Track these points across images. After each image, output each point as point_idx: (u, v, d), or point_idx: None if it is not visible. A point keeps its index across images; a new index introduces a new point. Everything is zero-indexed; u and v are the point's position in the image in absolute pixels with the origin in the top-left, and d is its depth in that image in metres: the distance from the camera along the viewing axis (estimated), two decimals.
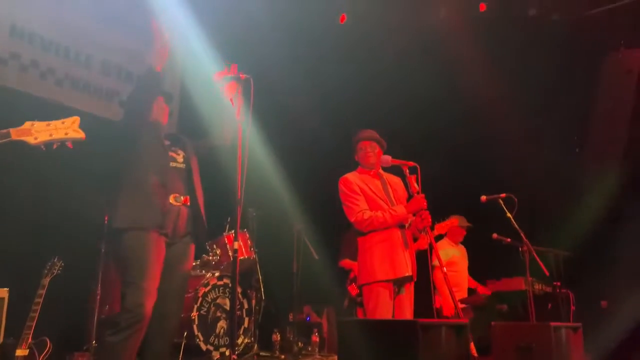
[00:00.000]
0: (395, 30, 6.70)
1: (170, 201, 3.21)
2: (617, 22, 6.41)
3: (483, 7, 6.67)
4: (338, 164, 4.71)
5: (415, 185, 3.82)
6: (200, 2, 5.68)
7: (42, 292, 4.23)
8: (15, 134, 2.29)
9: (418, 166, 3.84)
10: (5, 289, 4.11)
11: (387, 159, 3.91)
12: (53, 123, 2.35)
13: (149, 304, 2.98)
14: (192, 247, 3.37)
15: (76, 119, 2.40)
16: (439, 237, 5.90)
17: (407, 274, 3.81)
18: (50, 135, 2.33)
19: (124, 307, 2.97)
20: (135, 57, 6.03)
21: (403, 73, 6.71)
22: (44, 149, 2.33)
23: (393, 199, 4.02)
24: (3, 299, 4.13)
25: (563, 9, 6.59)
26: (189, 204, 3.30)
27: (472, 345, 3.44)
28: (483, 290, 5.92)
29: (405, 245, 3.88)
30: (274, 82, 6.09)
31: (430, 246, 3.82)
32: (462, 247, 6.13)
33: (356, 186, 3.99)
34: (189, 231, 3.32)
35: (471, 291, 5.97)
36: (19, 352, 3.95)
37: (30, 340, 4.05)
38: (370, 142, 4.13)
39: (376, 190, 4.01)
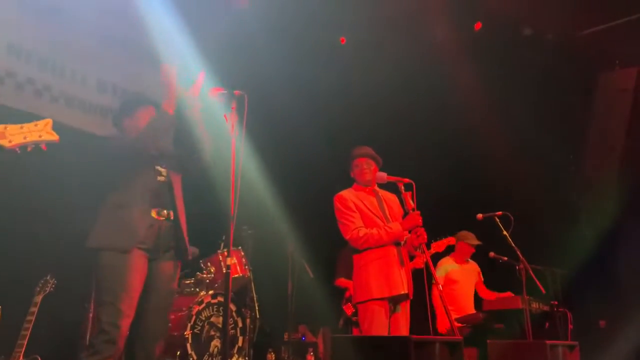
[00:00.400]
0: (391, 49, 6.76)
1: (152, 215, 3.14)
2: (611, 42, 6.46)
3: (478, 26, 6.73)
4: (333, 182, 4.71)
5: (411, 202, 3.82)
6: (194, 16, 5.73)
7: (35, 309, 4.20)
8: None
9: (413, 183, 3.84)
10: None
11: (383, 175, 3.92)
12: (26, 126, 2.35)
13: (125, 324, 2.91)
14: (178, 264, 3.30)
15: (49, 121, 2.39)
16: (445, 254, 5.85)
17: (402, 292, 3.79)
18: (25, 137, 2.32)
19: (100, 328, 2.90)
20: (131, 75, 6.07)
21: (399, 91, 6.75)
22: (18, 151, 2.32)
23: (389, 215, 4.01)
24: None
25: (557, 29, 6.64)
26: (172, 218, 3.24)
27: None
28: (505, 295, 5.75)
29: (401, 263, 3.86)
30: (268, 99, 6.12)
31: (427, 264, 3.80)
32: (471, 264, 6.05)
33: (351, 203, 3.98)
34: (172, 246, 3.24)
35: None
36: None
37: (21, 358, 4.02)
38: (366, 159, 4.15)
39: (372, 207, 4.00)
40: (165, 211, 3.20)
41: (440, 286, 3.80)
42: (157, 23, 5.69)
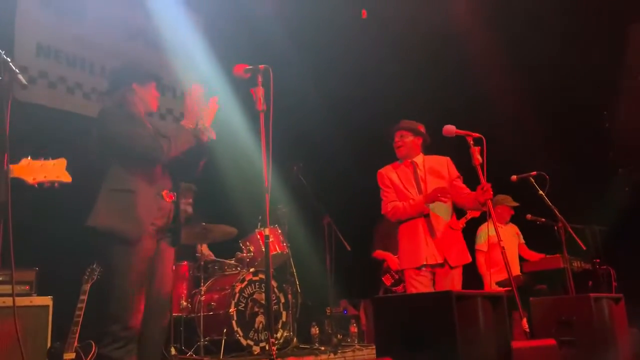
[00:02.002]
0: (413, 21, 6.71)
1: (164, 197, 3.14)
2: None
3: None
4: (370, 155, 4.74)
5: (479, 157, 3.64)
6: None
7: (84, 297, 4.33)
8: (16, 171, 2.50)
9: (484, 138, 3.68)
10: (49, 296, 4.23)
11: (452, 129, 3.75)
12: (45, 163, 2.57)
13: (139, 313, 2.93)
14: (173, 249, 3.28)
15: (63, 161, 2.61)
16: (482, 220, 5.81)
17: (426, 262, 3.83)
18: (45, 177, 2.55)
19: (115, 316, 2.89)
20: (156, 66, 6.16)
21: (422, 64, 6.72)
22: (37, 187, 2.55)
23: (422, 187, 4.00)
24: (48, 306, 4.25)
25: None
26: (176, 200, 3.23)
27: (524, 321, 3.40)
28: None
29: (430, 234, 3.89)
30: (300, 70, 6.15)
31: (488, 213, 3.68)
32: (510, 226, 5.98)
33: (387, 179, 4.09)
34: (173, 230, 3.22)
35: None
36: (67, 356, 4.05)
37: (76, 344, 4.16)
38: (399, 131, 4.13)
39: (405, 180, 4.05)
40: (173, 193, 3.19)
41: (501, 244, 3.69)
42: (172, 13, 5.80)
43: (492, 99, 6.69)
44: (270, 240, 5.18)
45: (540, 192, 4.71)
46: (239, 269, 5.17)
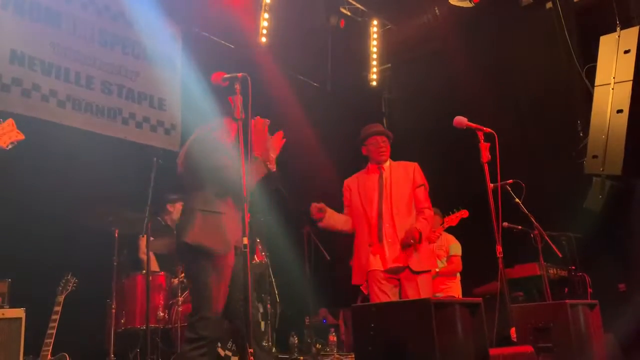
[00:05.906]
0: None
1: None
2: (610, 4, 6.40)
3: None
4: (346, 161, 4.75)
5: (488, 154, 3.61)
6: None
7: (58, 308, 4.27)
8: None
9: (495, 134, 3.63)
10: (22, 308, 4.14)
11: (463, 120, 3.71)
12: (2, 127, 2.71)
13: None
14: None
15: (11, 120, 2.75)
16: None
17: (382, 269, 3.89)
18: (9, 138, 2.68)
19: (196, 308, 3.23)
20: (131, 73, 6.13)
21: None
22: (7, 149, 2.69)
23: (384, 196, 3.97)
24: (20, 318, 4.16)
25: None
26: None
27: (513, 330, 3.43)
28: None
29: (379, 240, 3.91)
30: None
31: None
32: (442, 237, 5.95)
33: (347, 190, 4.17)
34: None
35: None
36: None
37: (49, 357, 4.08)
38: (382, 136, 4.09)
39: (365, 189, 4.02)
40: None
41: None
42: (150, 21, 5.80)
43: (467, 105, 6.76)
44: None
45: (517, 200, 4.75)
46: None
